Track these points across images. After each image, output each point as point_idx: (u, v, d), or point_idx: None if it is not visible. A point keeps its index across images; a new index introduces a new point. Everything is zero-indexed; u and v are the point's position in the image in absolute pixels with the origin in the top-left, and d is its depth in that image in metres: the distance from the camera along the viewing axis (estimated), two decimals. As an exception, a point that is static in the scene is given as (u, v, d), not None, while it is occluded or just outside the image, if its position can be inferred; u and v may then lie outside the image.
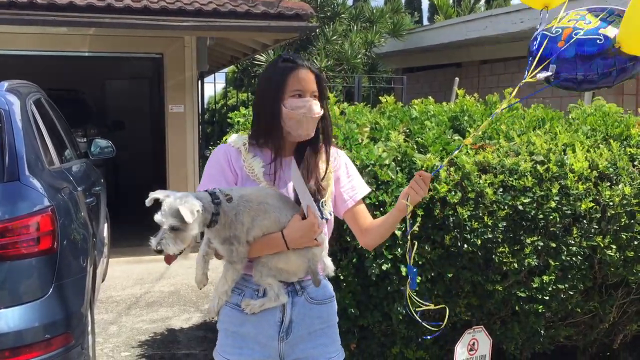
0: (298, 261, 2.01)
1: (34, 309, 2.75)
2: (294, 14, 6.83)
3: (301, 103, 2.02)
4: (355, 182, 2.20)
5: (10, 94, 3.36)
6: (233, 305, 2.07)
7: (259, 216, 1.97)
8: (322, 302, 2.13)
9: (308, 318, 2.08)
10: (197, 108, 7.80)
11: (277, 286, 2.02)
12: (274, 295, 2.01)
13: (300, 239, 1.98)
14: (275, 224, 1.99)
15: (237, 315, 2.06)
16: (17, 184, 2.85)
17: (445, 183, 3.16)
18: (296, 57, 2.10)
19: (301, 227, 1.98)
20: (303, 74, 2.04)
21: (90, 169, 5.05)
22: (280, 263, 2.00)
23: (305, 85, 2.04)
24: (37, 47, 7.35)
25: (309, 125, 2.04)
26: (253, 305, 2.02)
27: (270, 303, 2.02)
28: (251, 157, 2.08)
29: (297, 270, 2.03)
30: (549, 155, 3.36)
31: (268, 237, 1.99)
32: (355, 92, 8.37)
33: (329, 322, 2.15)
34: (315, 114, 2.03)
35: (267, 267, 2.00)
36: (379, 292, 3.22)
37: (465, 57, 10.79)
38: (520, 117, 3.87)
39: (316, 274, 2.04)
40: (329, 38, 10.29)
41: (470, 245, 3.20)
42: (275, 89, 2.05)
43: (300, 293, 2.08)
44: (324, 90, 2.09)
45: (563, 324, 3.63)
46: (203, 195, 1.91)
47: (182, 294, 5.81)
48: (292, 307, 2.06)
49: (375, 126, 3.48)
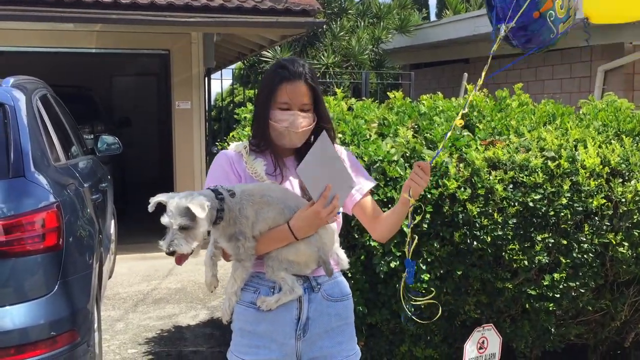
0: (308, 251, 1.99)
1: (40, 306, 2.73)
2: (300, 9, 6.79)
3: (285, 117, 2.03)
4: (361, 176, 2.18)
5: (16, 90, 3.34)
6: (248, 304, 2.04)
7: (263, 209, 1.96)
8: (339, 300, 2.10)
9: (325, 315, 2.06)
10: (204, 104, 7.77)
11: (290, 279, 2.00)
12: (289, 288, 1.99)
13: (307, 227, 1.97)
14: (280, 216, 1.98)
15: (252, 314, 2.03)
16: (23, 180, 2.82)
17: (454, 179, 3.12)
18: (294, 62, 2.07)
19: (307, 216, 1.96)
20: (293, 87, 2.03)
21: (97, 165, 5.03)
22: (290, 255, 1.99)
23: (293, 99, 2.03)
24: (44, 44, 7.34)
25: (293, 138, 2.05)
26: (269, 301, 2.00)
27: (285, 297, 1.99)
28: (252, 159, 2.10)
29: (308, 260, 2.01)
30: (560, 151, 3.31)
31: (275, 229, 1.98)
32: (362, 88, 8.32)
33: (347, 320, 2.13)
34: (299, 128, 2.03)
35: (278, 261, 1.99)
36: (388, 290, 3.18)
37: (474, 53, 10.70)
38: (531, 112, 3.82)
39: (327, 264, 2.02)
40: (336, 34, 10.24)
41: (479, 243, 3.15)
42: (265, 97, 2.08)
43: (316, 290, 2.06)
44: (319, 101, 2.08)
45: (574, 322, 3.58)
46: (206, 192, 1.91)
47: (188, 290, 5.80)
48: (309, 304, 2.04)
49: (384, 122, 3.44)
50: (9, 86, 3.35)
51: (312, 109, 2.07)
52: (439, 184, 3.11)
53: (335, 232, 2.11)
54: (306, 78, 2.04)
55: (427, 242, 3.16)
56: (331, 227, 2.06)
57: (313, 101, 2.07)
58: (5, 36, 7.02)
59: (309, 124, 2.06)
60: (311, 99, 2.06)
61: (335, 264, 2.11)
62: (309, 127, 2.06)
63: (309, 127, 2.06)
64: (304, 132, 2.06)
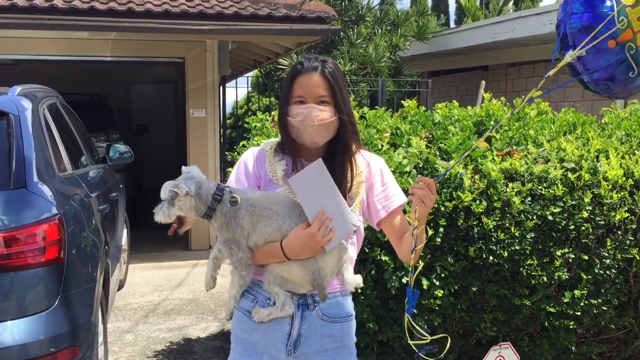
0: (300, 273, 1.91)
1: (39, 322, 2.65)
2: (315, 16, 6.71)
3: (299, 110, 1.92)
4: (390, 191, 2.05)
5: (23, 99, 3.28)
6: (244, 312, 2.00)
7: (261, 222, 1.89)
8: (335, 320, 1.99)
9: (318, 335, 1.97)
10: (218, 113, 7.72)
11: (283, 296, 1.93)
12: (280, 305, 1.93)
13: (299, 249, 1.88)
14: (277, 232, 1.90)
15: (247, 322, 1.99)
16: (24, 192, 2.76)
17: (469, 192, 2.99)
18: (311, 58, 1.97)
19: (301, 238, 1.87)
20: (307, 79, 1.92)
21: (108, 174, 4.98)
22: (283, 272, 1.92)
23: (307, 91, 1.92)
24: (61, 52, 7.34)
25: (311, 132, 1.92)
26: (261, 314, 1.95)
27: (277, 313, 1.94)
28: (277, 161, 2.01)
29: (302, 281, 1.92)
30: (581, 162, 3.17)
31: (269, 245, 1.91)
32: (379, 96, 8.21)
33: (343, 343, 2.01)
34: (315, 121, 1.90)
35: (273, 275, 1.93)
36: (399, 306, 3.06)
37: (493, 60, 10.56)
38: (550, 121, 3.68)
39: (322, 289, 1.92)
40: (353, 41, 10.15)
41: (496, 257, 3.03)
42: (283, 96, 2.00)
43: (312, 307, 1.96)
44: (337, 93, 1.93)
45: (595, 341, 3.43)
46: (209, 185, 1.89)
47: (200, 301, 5.71)
48: (302, 321, 1.95)
49: (396, 131, 3.33)
50: (15, 95, 3.30)
51: (332, 103, 1.93)
52: (452, 197, 2.99)
53: (346, 252, 1.98)
54: (322, 70, 1.92)
55: (440, 257, 3.04)
56: (340, 246, 1.94)
57: (332, 94, 1.93)
58: (21, 45, 7.03)
59: (328, 117, 1.91)
60: (329, 91, 1.92)
61: (339, 283, 2.00)
62: (327, 120, 1.91)
63: (328, 120, 1.91)
64: (324, 127, 1.91)
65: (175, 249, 7.72)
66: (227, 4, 6.80)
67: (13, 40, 6.91)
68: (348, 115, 1.97)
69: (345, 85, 2.00)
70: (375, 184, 2.03)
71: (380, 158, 2.11)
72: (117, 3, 6.57)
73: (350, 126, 1.98)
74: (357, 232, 2.02)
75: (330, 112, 1.92)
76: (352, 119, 2.00)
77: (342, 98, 1.95)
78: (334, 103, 1.93)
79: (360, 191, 2.00)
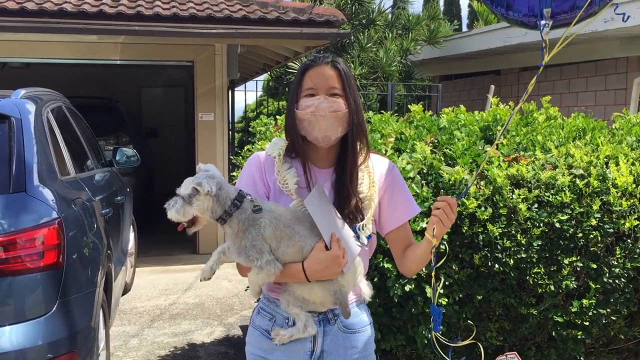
0: (323, 293, 1.83)
1: (37, 327, 2.63)
2: (324, 20, 6.67)
3: (310, 102, 1.83)
4: (403, 202, 1.97)
5: (25, 102, 3.28)
6: (263, 331, 1.92)
7: (283, 239, 1.80)
8: (357, 331, 1.94)
9: (342, 348, 1.90)
10: (227, 116, 7.71)
11: (304, 317, 1.85)
12: (302, 326, 1.85)
13: (322, 272, 1.79)
14: (298, 254, 1.81)
15: (266, 342, 1.91)
16: (23, 195, 2.74)
17: (474, 198, 2.94)
18: (322, 55, 1.91)
19: (324, 260, 1.79)
20: (318, 71, 1.85)
21: (114, 178, 4.97)
22: (304, 293, 1.83)
23: (318, 82, 1.84)
24: (70, 56, 7.37)
25: (323, 124, 1.82)
26: (282, 336, 1.87)
27: (298, 334, 1.86)
28: (286, 169, 1.90)
29: (324, 301, 1.85)
30: (590, 169, 3.10)
31: (288, 266, 1.81)
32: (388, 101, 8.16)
33: (365, 352, 1.96)
34: (327, 111, 1.82)
35: (293, 297, 1.84)
36: (403, 314, 3.01)
37: (505, 64, 10.48)
38: (559, 127, 3.61)
39: (345, 306, 1.84)
40: (363, 45, 10.12)
41: (501, 265, 2.96)
42: (292, 92, 1.91)
43: (332, 322, 1.90)
44: (348, 87, 1.86)
45: (605, 351, 3.35)
46: (230, 189, 1.79)
47: (206, 306, 5.68)
48: (324, 337, 1.89)
49: (401, 136, 3.28)
50: (18, 98, 3.30)
51: (344, 96, 1.85)
52: (457, 203, 2.93)
53: (360, 265, 1.92)
54: (334, 64, 1.86)
55: (445, 264, 2.97)
56: (355, 262, 1.87)
57: (343, 88, 1.85)
58: (32, 48, 7.07)
59: (340, 108, 1.83)
60: (340, 84, 1.85)
61: (354, 293, 1.94)
62: (339, 111, 1.83)
63: (340, 112, 1.83)
64: (336, 118, 1.83)
65: (183, 253, 7.71)
66: (236, 8, 6.79)
67: (24, 44, 6.95)
68: (358, 112, 1.89)
69: (357, 85, 1.95)
70: (388, 192, 1.96)
71: (394, 164, 2.03)
72: (126, 7, 6.58)
73: (360, 124, 1.90)
74: (370, 242, 1.96)
75: (342, 104, 1.85)
76: (362, 116, 1.92)
77: (352, 94, 1.88)
78: (344, 97, 1.86)
79: (374, 200, 1.93)
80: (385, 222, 1.97)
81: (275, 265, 1.78)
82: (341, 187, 1.89)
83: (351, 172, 1.89)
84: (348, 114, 1.86)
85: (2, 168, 2.80)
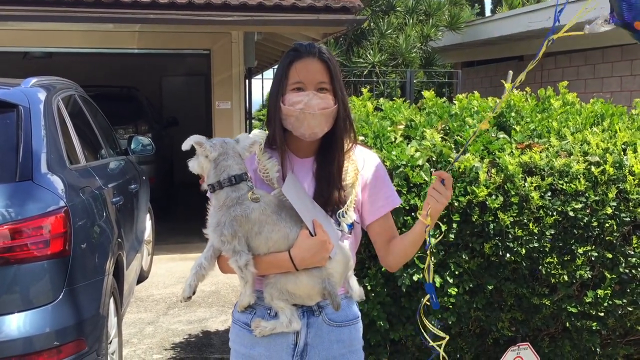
0: (310, 283, 1.78)
1: (44, 315, 2.64)
2: (341, 6, 6.60)
3: (299, 98, 1.78)
4: (385, 192, 1.93)
5: (35, 90, 3.28)
6: (243, 325, 1.87)
7: (268, 224, 1.76)
8: (343, 325, 1.88)
9: (326, 342, 1.85)
10: (244, 105, 7.69)
11: (289, 311, 1.80)
12: (286, 320, 1.79)
13: (310, 259, 1.75)
14: (283, 241, 1.77)
15: (247, 336, 1.86)
16: (30, 184, 2.74)
17: (484, 186, 2.87)
18: (306, 44, 1.85)
19: (312, 246, 1.75)
20: (305, 64, 1.80)
21: (128, 166, 4.98)
22: (289, 285, 1.78)
23: (306, 76, 1.79)
24: (88, 45, 7.42)
25: (311, 122, 1.79)
26: (263, 328, 1.81)
27: (281, 328, 1.80)
28: (266, 159, 1.88)
29: (311, 292, 1.80)
30: (606, 156, 3.00)
31: (274, 255, 1.77)
32: (407, 87, 8.07)
33: (351, 347, 1.90)
34: (316, 109, 1.78)
35: (277, 289, 1.78)
36: (412, 304, 2.96)
37: (528, 50, 10.27)
38: (576, 113, 3.51)
39: (334, 296, 1.78)
40: (383, 32, 10.00)
41: (513, 255, 2.90)
42: (276, 84, 1.85)
43: (317, 313, 1.84)
44: (336, 80, 1.82)
45: (621, 342, 3.27)
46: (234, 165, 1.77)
47: (222, 294, 5.70)
48: (308, 329, 1.83)
49: (411, 123, 3.21)
50: (28, 87, 3.30)
51: (331, 90, 1.82)
52: (467, 191, 2.87)
53: (351, 260, 1.87)
54: (320, 55, 1.80)
55: (455, 254, 2.92)
56: (344, 252, 1.84)
57: (331, 81, 1.81)
58: (52, 37, 7.12)
59: (329, 105, 1.80)
60: (328, 77, 1.80)
61: (342, 287, 1.89)
62: (328, 108, 1.79)
63: (329, 109, 1.80)
64: (325, 116, 1.79)
65: (202, 241, 7.65)
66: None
67: (43, 34, 7.00)
68: (344, 105, 1.86)
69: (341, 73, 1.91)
70: (370, 184, 1.92)
71: (375, 155, 1.99)
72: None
73: (347, 117, 1.87)
74: (355, 233, 1.92)
75: (330, 100, 1.81)
76: (349, 109, 1.89)
77: (339, 86, 1.84)
78: (332, 90, 1.83)
79: (356, 188, 1.89)
80: (367, 214, 1.92)
81: (241, 257, 1.74)
82: (324, 176, 1.85)
83: (338, 164, 1.86)
84: (336, 109, 1.82)
85: (9, 156, 2.81)
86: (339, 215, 1.86)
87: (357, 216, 1.90)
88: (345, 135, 1.87)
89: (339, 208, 1.85)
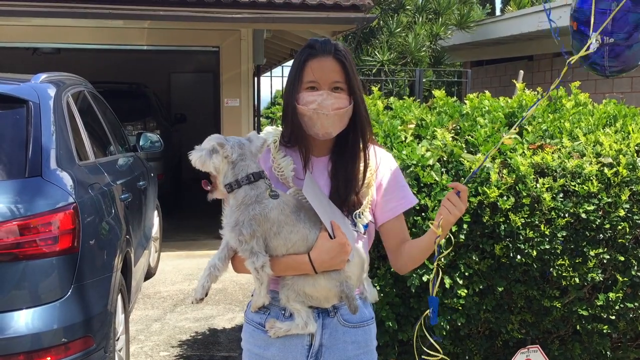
0: (328, 285, 1.76)
1: (52, 311, 2.64)
2: (350, 5, 6.57)
3: (312, 97, 1.76)
4: (400, 192, 1.91)
5: (45, 86, 3.27)
6: (257, 325, 1.85)
7: (287, 225, 1.73)
8: (358, 325, 1.86)
9: (341, 343, 1.84)
10: (252, 102, 7.68)
11: (305, 313, 1.78)
12: (302, 322, 1.78)
13: (330, 261, 1.73)
14: (302, 242, 1.75)
15: (261, 337, 1.84)
16: (39, 180, 2.74)
17: (496, 187, 2.84)
18: (322, 41, 1.83)
19: (332, 248, 1.72)
20: (319, 63, 1.77)
21: (136, 162, 4.98)
22: (306, 287, 1.76)
23: (320, 76, 1.77)
24: (97, 41, 7.43)
25: (325, 123, 1.77)
26: (277, 329, 1.79)
27: (296, 330, 1.79)
28: (281, 157, 1.85)
29: (328, 295, 1.78)
30: (619, 157, 2.97)
31: (292, 257, 1.75)
32: (416, 86, 8.03)
33: (366, 348, 1.89)
34: (330, 109, 1.76)
35: (294, 291, 1.76)
36: (421, 305, 2.94)
37: (538, 50, 10.21)
38: (589, 114, 3.47)
39: (352, 299, 1.76)
40: (392, 30, 9.97)
41: (524, 257, 2.87)
42: (292, 82, 1.83)
43: (332, 314, 1.83)
44: (352, 79, 1.80)
45: (632, 346, 3.24)
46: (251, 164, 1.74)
47: (229, 291, 5.70)
48: (323, 330, 1.82)
49: (421, 123, 3.19)
50: (37, 82, 3.30)
51: (347, 90, 1.80)
52: (478, 192, 2.85)
53: (366, 262, 1.86)
54: (336, 53, 1.78)
55: (464, 255, 2.90)
56: (360, 254, 1.82)
57: (347, 80, 1.79)
58: (61, 33, 7.13)
59: (343, 105, 1.77)
60: (344, 77, 1.78)
61: (358, 291, 1.87)
62: (342, 109, 1.77)
63: (343, 109, 1.78)
64: (339, 116, 1.77)
65: (209, 238, 7.72)
66: (261, -8, 6.73)
67: (52, 29, 7.01)
68: (361, 104, 1.84)
69: (357, 71, 1.88)
70: (384, 183, 1.90)
71: (390, 155, 1.98)
72: (152, -9, 6.57)
73: (364, 116, 1.85)
74: (369, 233, 1.91)
75: (345, 99, 1.79)
76: (365, 107, 1.87)
77: (356, 85, 1.82)
78: (348, 90, 1.80)
79: (372, 188, 1.87)
80: (380, 214, 1.90)
81: (259, 259, 1.72)
82: (340, 175, 1.83)
83: (356, 165, 1.84)
84: (351, 108, 1.80)
85: (18, 152, 2.81)
86: (355, 216, 1.84)
87: (372, 216, 1.89)
88: (361, 132, 1.85)
89: (355, 209, 1.84)
